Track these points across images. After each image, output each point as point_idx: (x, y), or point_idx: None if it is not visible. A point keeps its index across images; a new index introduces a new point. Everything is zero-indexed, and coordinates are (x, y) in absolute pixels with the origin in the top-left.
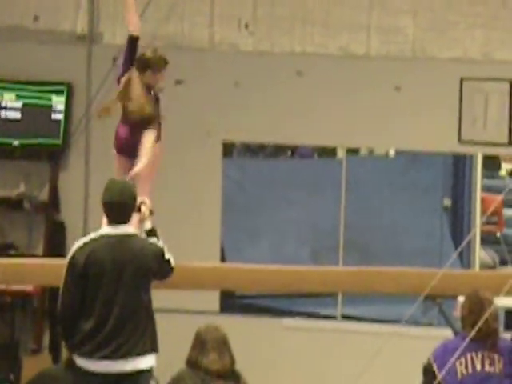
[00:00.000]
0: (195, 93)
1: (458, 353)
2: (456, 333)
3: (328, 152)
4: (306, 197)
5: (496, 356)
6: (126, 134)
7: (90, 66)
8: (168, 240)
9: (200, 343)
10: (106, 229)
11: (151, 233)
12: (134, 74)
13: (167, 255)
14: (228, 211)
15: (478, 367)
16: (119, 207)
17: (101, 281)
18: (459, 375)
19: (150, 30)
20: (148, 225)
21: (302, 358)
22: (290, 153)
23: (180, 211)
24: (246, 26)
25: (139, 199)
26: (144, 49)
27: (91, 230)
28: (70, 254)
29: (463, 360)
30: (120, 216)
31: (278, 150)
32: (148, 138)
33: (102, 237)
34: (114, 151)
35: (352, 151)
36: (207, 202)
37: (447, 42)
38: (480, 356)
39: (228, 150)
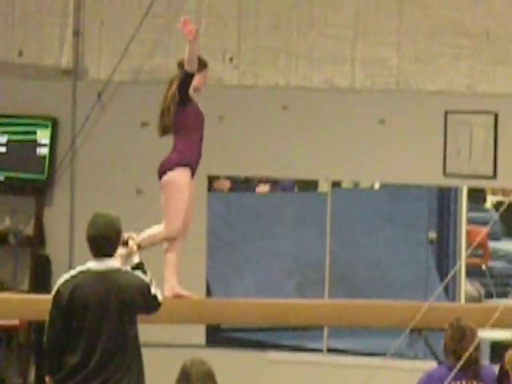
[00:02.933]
0: None
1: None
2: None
3: (310, 185)
4: (291, 230)
5: None
6: None
7: (75, 101)
8: (153, 274)
9: (185, 377)
10: (90, 263)
11: (139, 267)
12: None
13: (154, 290)
14: (213, 245)
15: None
16: (104, 241)
17: (85, 315)
18: None
19: (134, 65)
20: (136, 259)
21: None
22: (272, 186)
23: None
24: (231, 60)
25: (127, 233)
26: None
27: (76, 264)
28: (54, 289)
29: None
30: (105, 250)
31: (263, 184)
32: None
33: (87, 271)
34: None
35: (336, 184)
36: (193, 236)
37: (431, 74)
38: None
39: (212, 183)
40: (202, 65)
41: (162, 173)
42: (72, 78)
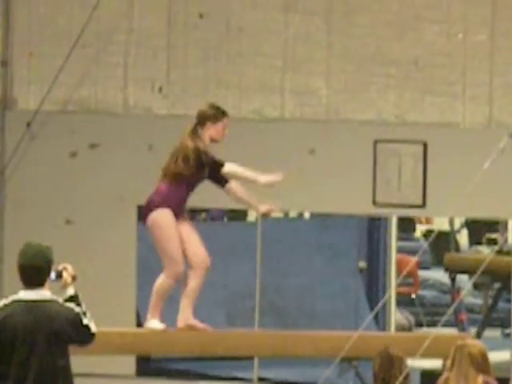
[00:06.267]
0: (109, 157)
1: None
2: None
3: (239, 215)
4: (221, 260)
5: None
6: None
7: (4, 131)
8: (88, 306)
9: None
10: (21, 293)
11: (73, 299)
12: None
13: (85, 320)
14: (143, 275)
15: None
16: (34, 270)
17: (14, 345)
18: None
19: (63, 96)
20: (70, 291)
21: None
22: (204, 215)
23: (95, 275)
24: (160, 90)
25: (61, 265)
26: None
27: (6, 295)
28: None
29: None
30: (35, 279)
31: (193, 213)
32: None
33: (17, 301)
34: None
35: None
36: (122, 266)
37: (360, 104)
38: None
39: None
40: (220, 114)
41: (144, 216)
42: (0, 108)
